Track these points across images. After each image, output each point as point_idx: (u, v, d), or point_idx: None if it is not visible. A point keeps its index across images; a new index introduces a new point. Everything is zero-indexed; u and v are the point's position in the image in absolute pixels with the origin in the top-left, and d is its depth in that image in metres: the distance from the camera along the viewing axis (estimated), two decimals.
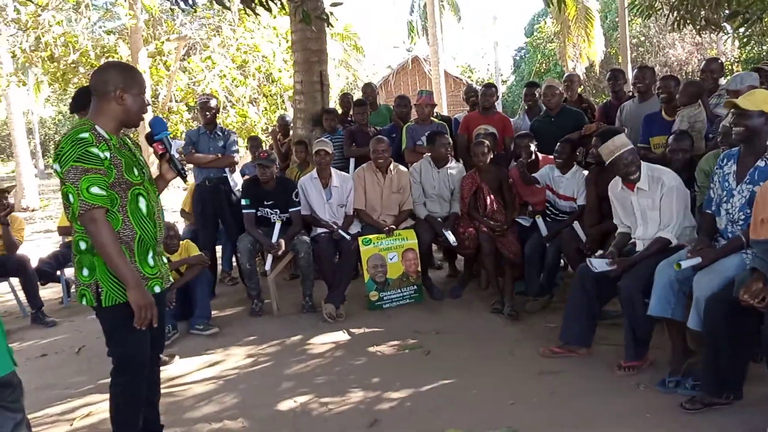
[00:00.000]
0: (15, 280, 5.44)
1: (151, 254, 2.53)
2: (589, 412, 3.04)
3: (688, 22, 8.32)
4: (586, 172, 4.70)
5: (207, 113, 5.56)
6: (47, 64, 12.05)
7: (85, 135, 2.31)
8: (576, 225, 4.48)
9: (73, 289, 5.82)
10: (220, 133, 5.63)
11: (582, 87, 6.61)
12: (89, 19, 12.98)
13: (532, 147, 4.97)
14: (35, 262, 5.63)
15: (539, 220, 4.73)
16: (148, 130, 2.73)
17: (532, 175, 4.90)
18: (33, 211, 15.99)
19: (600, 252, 4.22)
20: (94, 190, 2.29)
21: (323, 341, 4.35)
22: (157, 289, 2.56)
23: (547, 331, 4.20)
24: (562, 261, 4.93)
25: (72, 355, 4.44)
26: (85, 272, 2.41)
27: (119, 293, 2.40)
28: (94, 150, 2.31)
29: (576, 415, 3.02)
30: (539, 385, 3.38)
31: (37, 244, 9.70)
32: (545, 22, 26.23)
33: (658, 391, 3.16)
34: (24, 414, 1.98)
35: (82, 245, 2.41)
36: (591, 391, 3.25)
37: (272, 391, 3.55)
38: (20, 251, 5.39)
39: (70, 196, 2.30)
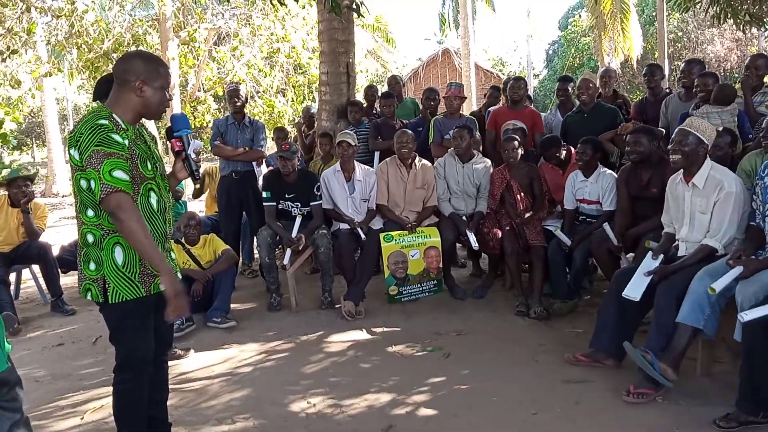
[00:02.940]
0: (36, 267, 5.45)
1: (159, 251, 2.44)
2: (616, 425, 2.89)
3: (729, 16, 7.98)
4: (610, 173, 4.50)
5: (236, 100, 5.48)
6: (82, 51, 12.18)
7: (105, 122, 2.23)
8: (606, 227, 4.28)
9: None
10: (249, 125, 5.56)
11: (617, 82, 6.37)
12: (122, 7, 13.08)
13: (561, 153, 4.82)
14: (57, 250, 5.63)
15: (559, 233, 4.50)
16: (170, 125, 2.64)
17: (564, 173, 4.75)
18: (63, 197, 16.25)
19: (631, 255, 4.06)
20: (117, 174, 2.20)
21: (341, 339, 4.25)
22: (161, 287, 2.43)
23: (573, 337, 4.03)
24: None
25: (89, 345, 4.41)
26: (92, 266, 2.33)
27: (126, 290, 2.32)
28: (115, 136, 2.23)
29: (601, 428, 2.87)
30: (563, 394, 3.22)
31: (63, 231, 9.79)
32: (580, 16, 25.72)
33: (682, 406, 3.00)
34: (22, 413, 1.90)
35: (90, 238, 2.32)
36: (618, 403, 3.09)
37: (286, 389, 3.46)
38: (44, 238, 5.40)
39: (92, 182, 2.20)
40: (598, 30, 18.59)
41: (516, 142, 4.71)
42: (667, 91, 5.46)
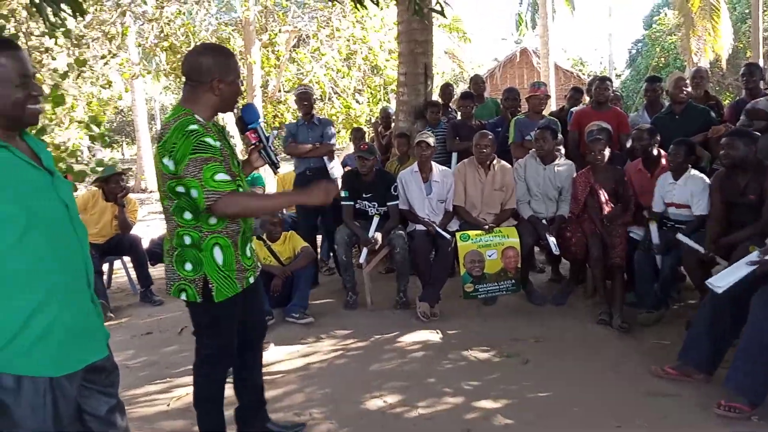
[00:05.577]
0: (127, 259, 5.73)
1: (248, 246, 2.51)
2: None
3: None
4: (701, 176, 4.28)
5: (306, 103, 5.62)
6: (169, 54, 12.73)
7: (195, 126, 2.23)
8: (681, 236, 4.05)
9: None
10: (317, 123, 5.68)
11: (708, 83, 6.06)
12: (207, 10, 13.58)
13: (654, 143, 4.59)
14: (147, 243, 5.91)
15: (653, 227, 4.33)
16: (240, 116, 2.65)
17: (652, 176, 4.57)
18: (151, 192, 17.04)
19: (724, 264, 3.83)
20: (219, 177, 2.20)
21: (415, 340, 4.24)
22: (252, 280, 2.54)
23: (658, 348, 3.85)
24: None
25: (175, 335, 4.60)
26: (189, 267, 2.34)
27: (228, 287, 2.39)
28: (208, 140, 2.23)
29: None
30: (648, 408, 3.08)
31: (151, 225, 10.27)
32: (665, 14, 24.68)
33: None
34: (118, 398, 1.99)
35: (187, 240, 2.33)
36: (709, 419, 2.92)
37: (361, 387, 3.48)
38: (133, 231, 5.68)
39: (192, 191, 2.20)
40: (686, 28, 17.78)
41: (603, 143, 4.54)
42: (766, 92, 5.13)
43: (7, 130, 1.70)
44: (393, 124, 6.89)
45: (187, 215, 2.32)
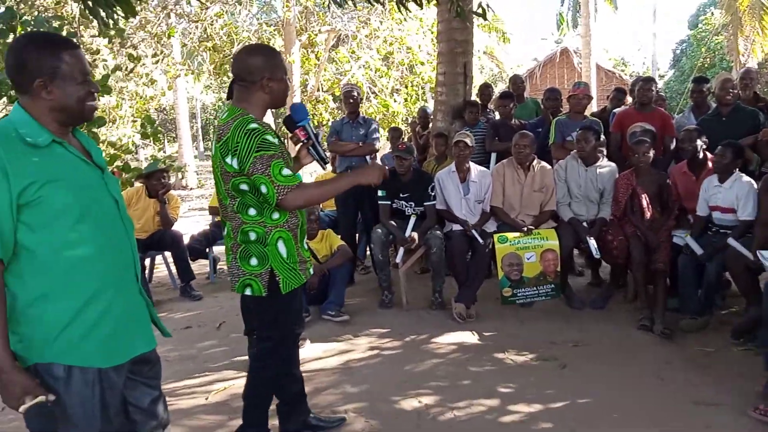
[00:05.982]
0: (168, 254, 5.85)
1: (304, 239, 2.58)
2: None
3: None
4: (747, 179, 4.13)
5: (351, 101, 5.66)
6: (213, 54, 12.97)
7: (254, 125, 2.27)
8: (732, 241, 3.92)
9: (214, 274, 6.19)
10: (362, 122, 5.73)
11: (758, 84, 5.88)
12: (249, 11, 13.78)
13: (700, 143, 4.47)
14: (187, 239, 6.02)
15: (690, 240, 4.20)
16: (289, 114, 2.70)
17: (697, 179, 4.45)
18: (191, 189, 17.35)
19: None
20: (286, 172, 2.26)
21: (451, 341, 4.21)
22: (312, 271, 2.62)
23: (702, 355, 3.75)
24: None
25: (213, 329, 4.68)
26: (254, 261, 2.39)
27: (293, 279, 2.45)
28: (269, 137, 2.28)
29: None
30: (691, 417, 3.00)
31: (191, 221, 10.46)
32: (712, 14, 24.06)
33: None
34: (160, 390, 2.03)
35: (252, 235, 2.38)
36: (754, 430, 2.84)
37: (396, 387, 3.48)
38: (175, 227, 5.79)
39: (262, 187, 2.25)
40: (734, 28, 17.25)
41: (647, 146, 4.44)
42: None
43: (62, 127, 1.76)
44: (431, 124, 6.87)
45: (252, 212, 2.37)
